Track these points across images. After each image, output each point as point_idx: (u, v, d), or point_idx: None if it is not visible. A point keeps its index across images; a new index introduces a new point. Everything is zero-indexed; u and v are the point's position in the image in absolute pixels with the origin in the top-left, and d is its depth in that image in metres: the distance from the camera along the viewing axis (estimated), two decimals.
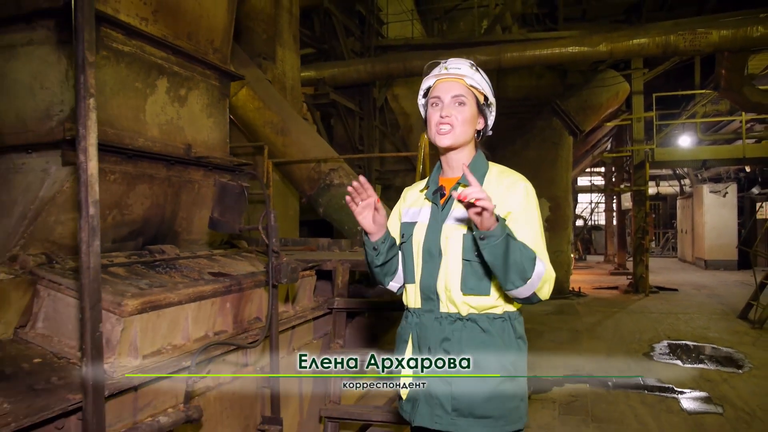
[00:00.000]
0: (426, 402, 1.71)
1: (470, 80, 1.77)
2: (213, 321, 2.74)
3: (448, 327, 1.71)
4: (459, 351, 1.68)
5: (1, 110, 2.77)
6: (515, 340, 1.76)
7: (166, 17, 3.10)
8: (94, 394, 1.85)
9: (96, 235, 1.88)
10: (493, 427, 1.65)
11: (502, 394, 1.66)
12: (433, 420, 1.69)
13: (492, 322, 1.72)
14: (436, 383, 1.69)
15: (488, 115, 1.85)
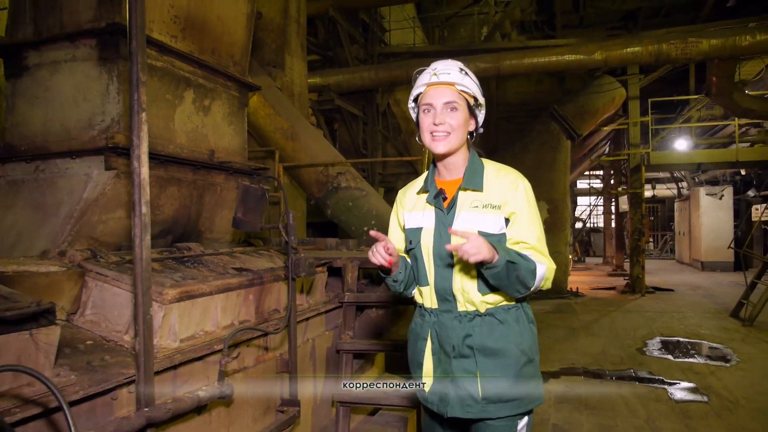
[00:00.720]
0: (456, 394, 1.79)
1: (461, 86, 1.82)
2: (238, 311, 3.03)
3: (468, 324, 1.80)
4: (481, 343, 1.77)
5: (47, 120, 3.07)
6: (528, 325, 1.85)
7: (192, 34, 3.40)
8: (145, 368, 2.13)
9: (147, 230, 2.17)
10: (519, 406, 1.76)
11: (524, 376, 1.78)
12: (464, 410, 1.78)
13: (507, 312, 1.80)
14: (464, 377, 1.78)
15: (478, 115, 1.91)
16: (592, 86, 11.50)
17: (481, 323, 1.78)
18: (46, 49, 3.08)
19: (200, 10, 3.44)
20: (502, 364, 1.75)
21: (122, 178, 2.91)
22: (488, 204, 1.75)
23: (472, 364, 1.77)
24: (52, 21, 3.09)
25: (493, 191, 1.78)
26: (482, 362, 1.76)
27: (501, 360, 1.75)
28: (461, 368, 1.77)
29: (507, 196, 1.77)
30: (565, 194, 11.73)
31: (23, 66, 3.14)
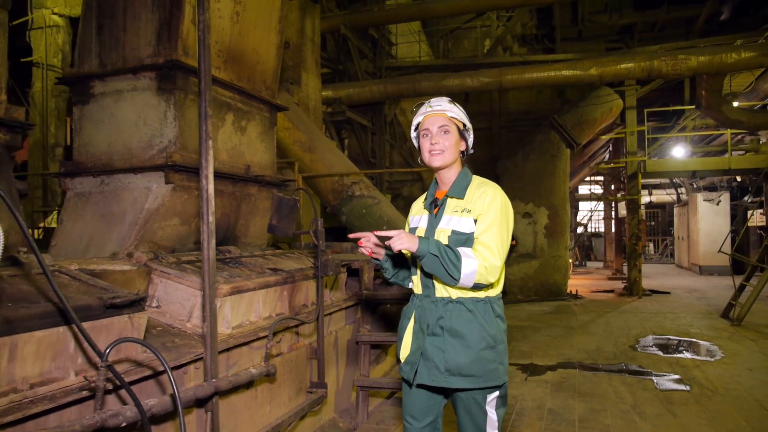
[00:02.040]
0: (424, 365, 2.14)
1: (450, 113, 2.22)
2: (274, 304, 3.53)
3: (442, 308, 2.15)
4: (450, 325, 2.12)
5: (111, 141, 3.59)
6: (494, 318, 2.15)
7: (233, 65, 3.92)
8: (211, 348, 2.63)
9: (213, 236, 2.67)
10: (476, 383, 2.09)
11: (483, 358, 2.08)
12: (430, 378, 2.12)
13: (476, 304, 2.13)
14: (433, 350, 2.13)
15: (468, 138, 2.31)
16: (591, 97, 11.98)
17: (452, 308, 2.13)
18: (110, 79, 3.60)
19: (239, 44, 3.95)
20: (464, 345, 2.08)
21: (177, 191, 3.42)
22: (465, 209, 2.15)
23: (441, 342, 2.11)
24: (115, 56, 3.61)
25: (470, 199, 2.17)
26: (449, 341, 2.10)
27: (464, 341, 2.09)
28: (432, 344, 2.13)
29: (478, 203, 2.14)
30: (564, 200, 12.21)
31: (90, 94, 3.66)
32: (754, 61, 7.83)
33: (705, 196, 18.50)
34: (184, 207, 3.51)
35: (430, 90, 9.34)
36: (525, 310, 10.31)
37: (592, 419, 4.27)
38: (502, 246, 2.11)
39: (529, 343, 7.20)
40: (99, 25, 3.66)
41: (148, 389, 2.46)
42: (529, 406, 4.63)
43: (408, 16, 9.82)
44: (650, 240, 29.13)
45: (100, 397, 1.99)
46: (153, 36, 3.51)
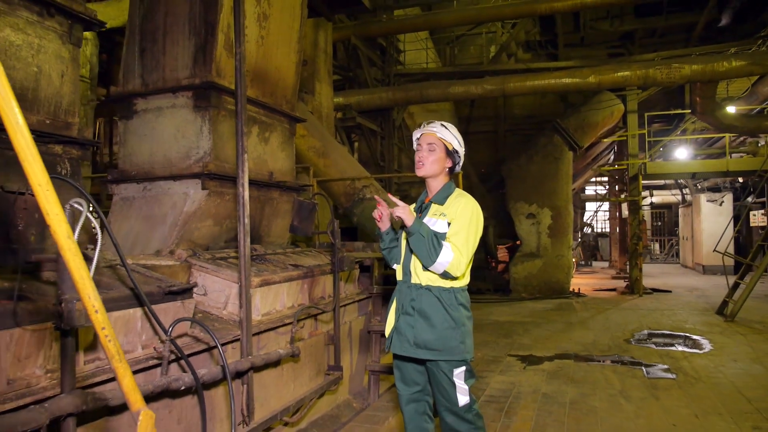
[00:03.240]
0: (398, 338, 2.61)
1: (440, 134, 2.65)
2: (296, 296, 4.00)
3: (415, 292, 2.60)
4: (422, 307, 2.56)
5: (152, 152, 4.07)
6: (457, 305, 2.56)
7: (258, 83, 4.39)
8: (247, 330, 3.10)
9: (248, 235, 3.14)
10: (440, 356, 2.51)
11: (445, 336, 2.51)
12: (402, 349, 2.59)
13: (442, 292, 2.55)
14: (405, 326, 2.58)
15: (456, 158, 2.71)
16: (593, 101, 12.38)
17: (423, 293, 2.57)
18: (151, 98, 4.08)
19: (263, 64, 4.43)
20: (430, 324, 2.53)
21: (212, 196, 3.90)
22: (443, 214, 2.59)
23: (412, 320, 2.57)
24: (156, 76, 4.09)
25: (448, 207, 2.61)
26: (418, 320, 2.56)
27: (430, 321, 2.54)
28: (405, 322, 2.60)
29: (454, 210, 2.57)
30: (567, 201, 12.61)
31: (133, 110, 4.14)
32: (745, 70, 8.21)
33: (708, 197, 18.80)
34: (217, 210, 3.99)
35: (437, 97, 9.79)
36: (528, 307, 10.73)
37: (581, 402, 4.71)
38: (468, 247, 2.54)
39: (530, 337, 7.63)
40: (141, 49, 4.14)
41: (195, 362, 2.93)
42: (525, 390, 5.07)
43: (415, 26, 10.27)
44: (656, 240, 29.40)
45: (166, 365, 2.47)
46: (190, 59, 3.98)
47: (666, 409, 4.51)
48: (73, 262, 1.24)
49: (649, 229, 27.43)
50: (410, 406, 2.75)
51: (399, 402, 2.78)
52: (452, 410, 2.59)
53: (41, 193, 1.17)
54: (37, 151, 1.16)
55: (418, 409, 2.75)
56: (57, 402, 1.90)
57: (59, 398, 1.93)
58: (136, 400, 1.32)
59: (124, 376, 1.31)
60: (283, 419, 3.49)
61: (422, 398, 2.75)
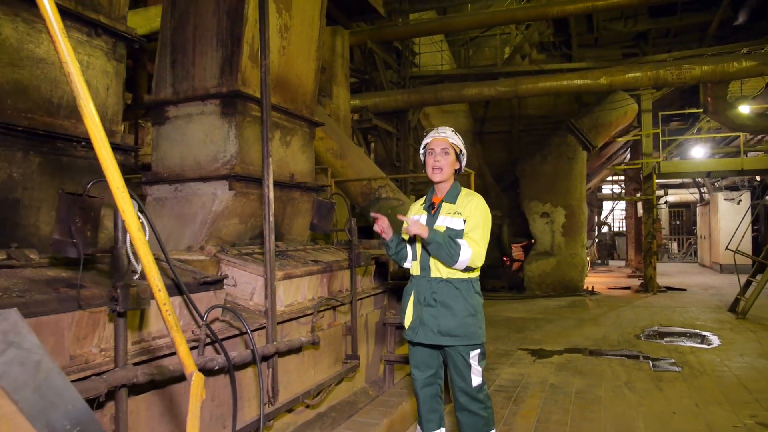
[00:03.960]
0: (422, 329, 2.86)
1: (452, 140, 2.95)
2: (316, 289, 4.28)
3: (436, 285, 2.86)
4: (443, 298, 2.83)
5: (183, 155, 4.38)
6: (474, 294, 2.87)
7: (280, 90, 4.68)
8: (272, 319, 3.39)
9: (272, 232, 3.43)
10: (461, 341, 2.79)
11: (466, 323, 2.79)
12: (427, 338, 2.85)
13: (461, 282, 2.84)
14: (428, 317, 2.84)
15: (462, 160, 3.02)
16: (606, 101, 12.51)
17: (444, 285, 2.84)
18: (182, 105, 4.40)
19: (285, 72, 4.72)
20: (452, 313, 2.80)
21: (238, 196, 4.20)
22: (456, 212, 2.88)
23: (435, 311, 2.82)
24: (186, 86, 4.40)
25: (461, 205, 2.90)
26: (441, 310, 2.81)
27: (452, 310, 2.80)
28: (428, 313, 2.85)
29: (467, 208, 2.87)
30: (581, 201, 12.75)
31: (165, 117, 4.46)
32: (755, 70, 8.32)
33: (726, 196, 18.76)
34: (243, 209, 4.29)
35: (451, 99, 10.03)
36: (541, 304, 10.93)
37: (587, 392, 4.93)
38: (485, 241, 2.85)
39: (542, 333, 7.85)
40: (173, 60, 4.46)
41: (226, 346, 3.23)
42: (534, 381, 5.31)
43: (429, 30, 10.52)
44: (674, 239, 29.26)
45: (202, 347, 2.77)
46: (217, 70, 4.29)
47: (668, 398, 4.72)
48: (142, 250, 1.53)
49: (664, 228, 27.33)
50: (425, 390, 3.03)
51: (414, 386, 3.06)
52: (466, 390, 2.86)
53: (118, 195, 1.46)
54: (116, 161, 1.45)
55: (432, 392, 3.04)
56: (113, 374, 2.21)
57: (115, 371, 2.23)
58: (189, 364, 1.61)
59: (180, 344, 1.60)
60: (305, 402, 3.78)
61: (435, 382, 3.03)
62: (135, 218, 1.51)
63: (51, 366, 1.32)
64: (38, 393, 1.27)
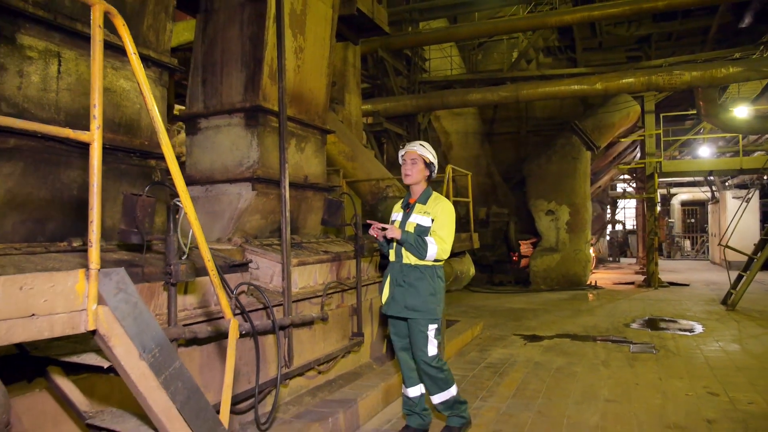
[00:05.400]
0: (394, 303, 3.61)
1: (420, 152, 3.62)
2: (326, 276, 4.99)
3: (407, 270, 3.58)
4: (409, 280, 3.56)
5: (213, 161, 5.11)
6: (437, 278, 3.58)
7: (295, 103, 5.39)
8: (288, 297, 4.11)
9: (288, 226, 4.15)
10: (422, 315, 3.49)
11: (427, 301, 3.50)
12: (397, 311, 3.59)
13: (426, 268, 3.55)
14: (398, 295, 3.57)
15: (431, 168, 3.67)
16: (609, 103, 13.03)
17: (412, 270, 3.57)
18: (212, 118, 5.14)
19: (299, 87, 5.43)
20: (416, 292, 3.51)
21: (259, 196, 4.92)
22: (426, 212, 3.57)
23: (404, 291, 3.56)
24: (215, 101, 5.14)
25: (430, 206, 3.60)
26: (408, 290, 3.54)
27: (416, 290, 3.52)
28: (399, 292, 3.59)
29: (435, 210, 3.57)
30: (585, 199, 13.30)
31: (197, 128, 5.21)
32: (741, 76, 8.82)
33: (734, 194, 19.07)
34: (264, 207, 5.01)
35: (456, 103, 10.67)
36: (543, 297, 11.52)
37: (566, 368, 5.57)
38: (450, 237, 3.55)
39: (538, 321, 8.47)
40: (203, 79, 5.20)
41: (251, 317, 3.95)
42: (521, 360, 5.96)
43: (437, 39, 11.17)
44: (688, 237, 29.45)
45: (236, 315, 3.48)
46: (241, 87, 5.02)
47: (636, 374, 5.34)
48: (198, 232, 2.25)
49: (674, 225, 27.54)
50: (402, 353, 3.76)
51: (395, 351, 3.77)
52: (423, 359, 3.58)
53: (183, 196, 2.18)
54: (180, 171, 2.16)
55: (408, 355, 3.76)
56: (168, 330, 2.93)
57: (168, 329, 2.96)
58: (228, 312, 2.32)
59: (222, 298, 2.31)
60: (316, 368, 4.50)
61: (409, 347, 3.73)
62: (194, 211, 2.22)
63: (143, 306, 2.03)
64: (136, 322, 1.99)
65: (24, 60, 3.05)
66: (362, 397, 4.20)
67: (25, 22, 3.03)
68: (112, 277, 1.95)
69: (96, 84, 1.92)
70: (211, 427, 2.24)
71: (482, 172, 14.55)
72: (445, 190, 6.54)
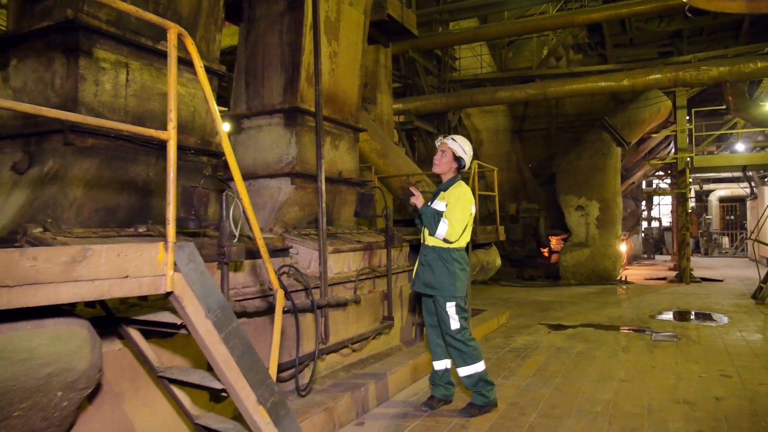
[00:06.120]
0: (417, 280, 4.07)
1: (450, 145, 4.04)
2: (359, 263, 5.40)
3: (426, 249, 4.04)
4: (429, 261, 3.99)
5: (255, 158, 5.58)
6: (452, 260, 3.92)
7: (330, 104, 5.81)
8: (324, 281, 4.53)
9: (324, 217, 4.56)
10: (438, 292, 3.90)
11: (441, 279, 3.90)
12: (417, 287, 4.07)
13: (441, 250, 3.95)
14: (420, 272, 4.04)
15: (461, 161, 4.05)
16: (640, 99, 13.10)
17: (431, 251, 4.00)
18: (254, 118, 5.60)
19: (333, 89, 5.85)
20: (432, 271, 3.94)
21: (297, 189, 5.36)
22: (444, 198, 3.95)
23: (423, 269, 4.00)
24: (257, 103, 5.61)
25: (448, 194, 3.97)
26: (426, 268, 3.97)
27: (432, 269, 3.95)
28: (421, 270, 4.03)
29: (451, 197, 3.94)
30: (615, 194, 13.39)
31: (241, 127, 5.68)
32: None
33: None
34: (301, 199, 5.45)
35: (485, 101, 10.96)
36: (572, 290, 11.71)
37: (586, 353, 5.85)
38: (460, 222, 3.89)
39: (563, 312, 8.72)
40: (246, 83, 5.67)
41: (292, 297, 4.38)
42: (543, 345, 6.26)
43: (464, 39, 11.46)
44: (726, 234, 28.90)
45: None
46: (281, 90, 5.47)
47: (654, 358, 5.59)
48: (252, 218, 2.67)
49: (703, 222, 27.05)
50: (431, 329, 4.13)
51: (425, 325, 4.15)
52: (448, 332, 3.94)
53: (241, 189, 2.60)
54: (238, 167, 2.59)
55: (435, 331, 4.13)
56: None
57: None
58: (276, 283, 2.74)
59: (271, 272, 2.74)
60: (350, 347, 4.92)
61: (436, 324, 4.11)
62: (248, 198, 2.65)
63: (208, 275, 2.47)
64: (203, 287, 2.42)
65: (99, 71, 3.54)
66: (392, 371, 4.59)
67: (99, 38, 3.52)
68: (185, 250, 2.39)
69: (172, 93, 2.35)
70: (261, 378, 2.67)
71: (512, 169, 14.77)
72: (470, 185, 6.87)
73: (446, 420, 3.83)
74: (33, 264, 1.85)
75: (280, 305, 2.82)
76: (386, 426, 3.75)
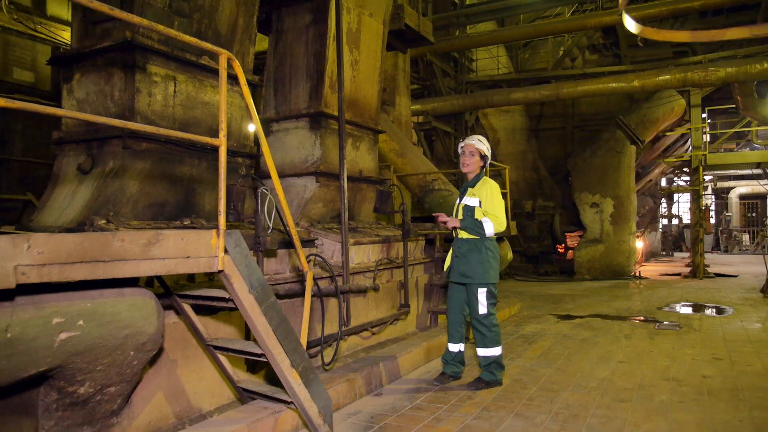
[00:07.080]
0: (453, 271, 4.48)
1: (477, 145, 4.51)
2: (378, 255, 5.88)
3: (463, 243, 4.45)
4: (464, 252, 4.44)
5: (283, 158, 6.09)
6: (485, 250, 4.35)
7: (351, 108, 6.30)
8: (346, 270, 5.02)
9: (346, 211, 5.06)
10: (472, 280, 4.32)
11: (477, 269, 4.31)
12: (455, 278, 4.46)
13: (476, 242, 4.37)
14: (457, 264, 4.44)
15: (486, 160, 4.56)
16: (654, 98, 13.36)
17: (465, 243, 4.43)
18: (282, 122, 6.12)
19: (355, 94, 6.34)
20: (467, 262, 4.36)
21: (321, 187, 5.86)
22: (474, 194, 4.39)
23: (459, 260, 4.42)
24: (285, 108, 6.12)
25: (478, 189, 4.42)
26: (463, 260, 4.39)
27: (469, 260, 4.36)
28: (457, 261, 4.44)
29: (481, 192, 4.40)
30: (629, 191, 13.67)
31: (270, 130, 6.20)
32: None
33: None
34: (325, 196, 5.95)
35: (500, 102, 11.35)
36: (585, 285, 12.05)
37: (590, 339, 6.26)
38: (501, 211, 4.34)
39: (574, 304, 9.10)
40: (275, 89, 6.19)
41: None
42: (551, 333, 6.68)
43: (480, 42, 11.86)
44: (747, 231, 28.78)
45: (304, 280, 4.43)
46: (307, 96, 5.98)
47: (653, 344, 5.98)
48: (287, 210, 3.17)
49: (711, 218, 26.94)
50: (454, 314, 4.62)
51: (447, 312, 4.62)
52: (475, 317, 4.39)
53: (277, 185, 3.10)
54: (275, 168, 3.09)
55: (458, 319, 4.61)
56: None
57: None
58: (305, 265, 3.24)
59: (302, 256, 3.23)
60: (370, 330, 5.41)
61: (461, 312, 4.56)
62: (282, 192, 3.15)
63: (251, 258, 2.97)
64: (247, 267, 2.93)
65: (152, 84, 4.07)
66: (407, 352, 5.06)
67: (152, 55, 4.06)
68: (233, 236, 2.89)
69: (222, 106, 2.86)
70: (294, 346, 3.17)
71: (528, 167, 15.13)
72: None
73: (455, 392, 4.30)
74: (121, 244, 2.37)
75: (309, 284, 3.32)
76: (401, 396, 4.23)
